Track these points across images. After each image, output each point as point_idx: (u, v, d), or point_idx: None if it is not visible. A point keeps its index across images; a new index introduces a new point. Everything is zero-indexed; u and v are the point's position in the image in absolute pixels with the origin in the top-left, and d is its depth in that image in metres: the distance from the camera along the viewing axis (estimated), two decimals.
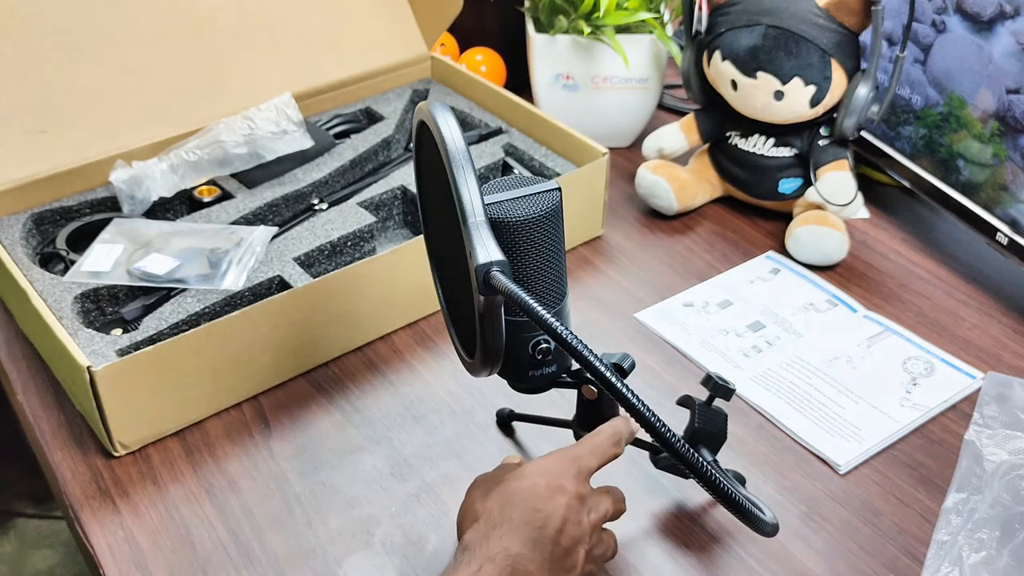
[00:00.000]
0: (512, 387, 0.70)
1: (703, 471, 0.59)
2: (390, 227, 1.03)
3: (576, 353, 0.55)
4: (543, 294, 0.64)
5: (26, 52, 0.97)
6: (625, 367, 0.71)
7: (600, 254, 1.06)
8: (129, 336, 0.84)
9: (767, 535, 0.67)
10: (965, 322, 0.97)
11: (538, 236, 0.62)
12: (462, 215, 0.58)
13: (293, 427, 0.85)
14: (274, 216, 1.01)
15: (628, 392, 0.56)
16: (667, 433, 0.57)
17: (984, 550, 0.72)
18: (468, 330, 0.64)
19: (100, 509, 0.78)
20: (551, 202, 0.63)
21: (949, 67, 0.99)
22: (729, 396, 0.73)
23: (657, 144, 1.13)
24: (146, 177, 0.98)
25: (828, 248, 1.02)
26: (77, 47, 1.00)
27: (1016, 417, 0.83)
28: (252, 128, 1.02)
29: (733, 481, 0.72)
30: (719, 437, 0.73)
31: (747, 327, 0.96)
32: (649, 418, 0.56)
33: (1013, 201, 0.95)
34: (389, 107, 1.16)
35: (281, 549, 0.74)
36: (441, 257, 0.71)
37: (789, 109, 1.03)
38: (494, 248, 0.58)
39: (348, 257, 0.97)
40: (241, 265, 0.91)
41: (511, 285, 0.56)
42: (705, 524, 0.76)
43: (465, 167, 0.59)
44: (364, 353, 0.92)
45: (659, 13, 1.16)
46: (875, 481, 0.80)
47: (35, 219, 0.97)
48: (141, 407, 0.80)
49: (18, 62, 0.97)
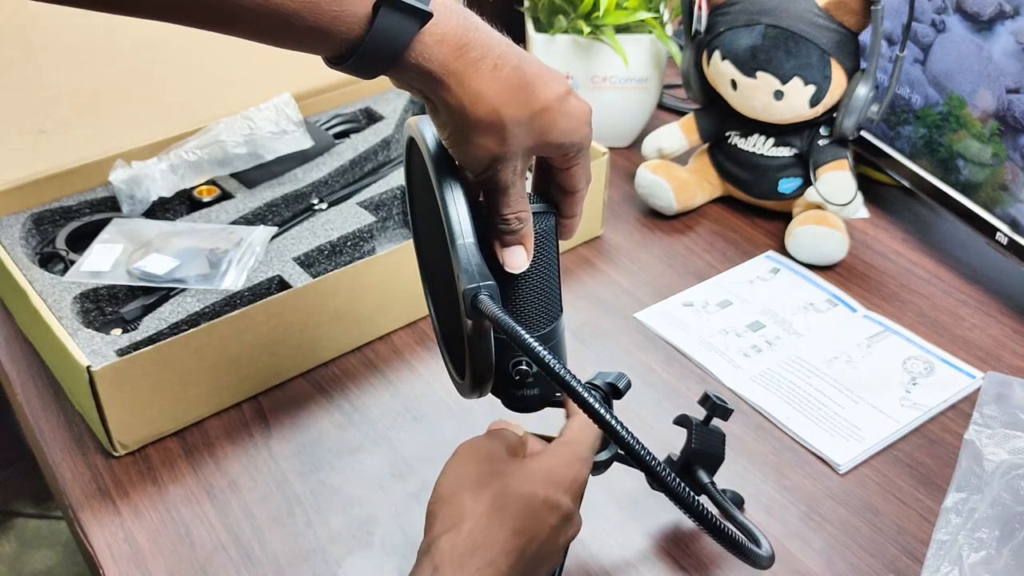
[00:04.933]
0: (506, 406, 0.67)
1: (695, 507, 0.55)
2: (390, 227, 1.03)
3: (562, 382, 0.53)
4: (533, 316, 0.62)
5: (26, 52, 0.97)
6: (620, 387, 0.68)
7: (600, 254, 1.06)
8: (129, 336, 0.84)
9: (762, 568, 0.65)
10: (965, 322, 0.97)
11: None
12: (450, 236, 0.57)
13: (293, 427, 0.85)
14: (274, 216, 1.01)
15: (617, 424, 0.53)
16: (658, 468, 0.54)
17: (984, 550, 0.72)
18: (459, 350, 0.62)
19: (100, 509, 0.78)
20: (541, 225, 0.61)
21: (949, 67, 0.99)
22: (727, 416, 0.71)
23: (657, 144, 1.13)
24: (146, 177, 0.98)
25: (828, 248, 1.02)
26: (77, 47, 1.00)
27: (1016, 417, 0.83)
28: (252, 128, 1.02)
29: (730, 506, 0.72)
30: (717, 458, 0.72)
31: (747, 327, 0.96)
32: (640, 452, 0.53)
33: (1013, 201, 0.95)
34: (389, 107, 1.16)
35: (281, 549, 0.74)
36: (432, 275, 0.70)
37: (789, 109, 1.03)
38: (483, 271, 0.56)
39: (348, 257, 0.97)
40: (241, 265, 0.91)
41: (497, 311, 0.55)
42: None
43: (453, 186, 0.57)
44: (364, 353, 0.92)
45: (659, 13, 1.16)
46: (875, 481, 0.80)
47: (35, 219, 0.97)
48: (141, 407, 0.80)
49: (18, 62, 0.97)
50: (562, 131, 0.58)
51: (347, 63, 0.54)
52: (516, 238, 0.60)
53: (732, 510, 0.71)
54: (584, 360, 0.91)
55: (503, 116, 0.55)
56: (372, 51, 0.53)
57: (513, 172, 0.58)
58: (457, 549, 0.55)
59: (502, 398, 0.66)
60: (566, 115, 0.58)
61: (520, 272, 0.60)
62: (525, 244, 0.60)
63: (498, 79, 0.55)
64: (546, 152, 0.60)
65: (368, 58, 0.53)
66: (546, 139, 0.58)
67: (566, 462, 0.61)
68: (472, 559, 0.55)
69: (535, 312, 0.62)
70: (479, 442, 0.63)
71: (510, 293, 0.61)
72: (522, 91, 0.56)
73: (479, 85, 0.55)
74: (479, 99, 0.55)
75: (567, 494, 0.60)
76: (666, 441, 0.79)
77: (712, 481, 0.72)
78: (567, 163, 0.61)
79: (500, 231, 0.60)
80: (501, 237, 0.60)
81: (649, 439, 0.55)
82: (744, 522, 0.70)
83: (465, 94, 0.55)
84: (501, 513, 0.57)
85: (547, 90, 0.57)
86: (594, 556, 0.74)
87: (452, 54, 0.54)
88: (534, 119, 0.57)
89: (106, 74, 1.02)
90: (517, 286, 0.61)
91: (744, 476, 0.80)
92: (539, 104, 0.57)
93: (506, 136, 0.56)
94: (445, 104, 0.56)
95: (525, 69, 0.57)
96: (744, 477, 0.80)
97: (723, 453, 0.72)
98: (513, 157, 0.57)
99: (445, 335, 0.69)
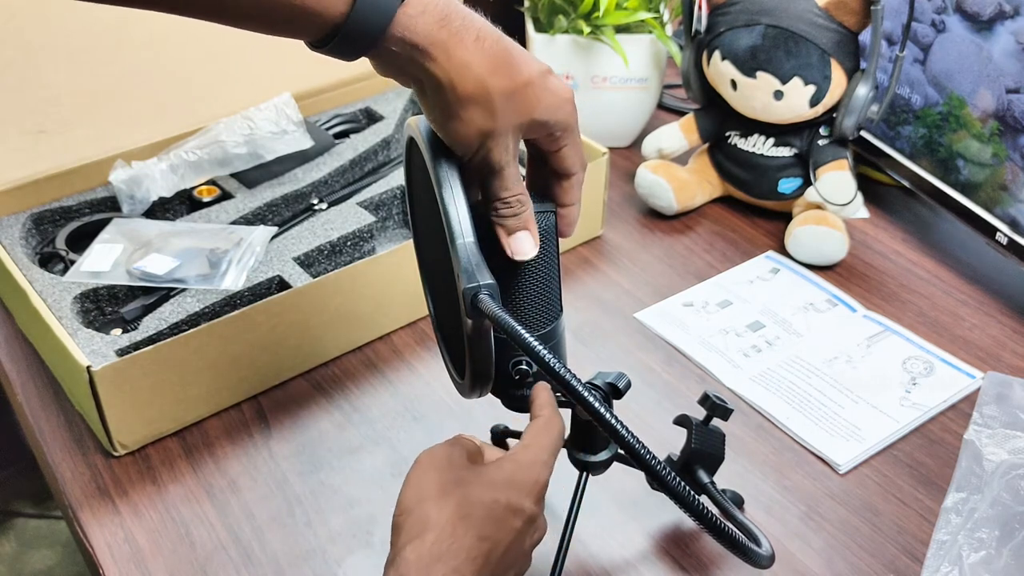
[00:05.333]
0: (505, 406, 0.67)
1: (695, 507, 0.55)
2: (390, 227, 1.03)
3: (563, 382, 0.53)
4: (533, 315, 0.62)
5: (26, 53, 0.98)
6: (620, 387, 0.68)
7: (600, 254, 1.06)
8: (129, 336, 0.84)
9: (762, 568, 0.65)
10: (965, 322, 0.97)
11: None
12: (450, 235, 0.57)
13: (293, 427, 0.85)
14: (274, 216, 1.01)
15: (617, 424, 0.53)
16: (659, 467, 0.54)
17: (984, 550, 0.72)
18: (459, 350, 0.62)
19: (100, 509, 0.78)
20: (541, 224, 0.61)
21: (949, 67, 0.99)
22: (727, 416, 0.71)
23: (657, 144, 1.13)
24: (146, 177, 0.98)
25: (828, 248, 1.02)
26: (77, 47, 1.00)
27: (1016, 417, 0.83)
28: (252, 128, 1.02)
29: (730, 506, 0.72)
30: (716, 458, 0.72)
31: (747, 327, 0.96)
32: (640, 452, 0.53)
33: (1013, 201, 0.95)
34: (389, 107, 1.16)
35: (281, 549, 0.74)
36: (432, 275, 0.70)
37: (789, 109, 1.03)
38: (483, 271, 0.56)
39: (348, 257, 0.97)
40: (241, 265, 0.91)
41: (497, 310, 0.55)
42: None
43: (453, 185, 0.57)
44: (364, 353, 0.92)
45: (659, 13, 1.16)
46: (875, 481, 0.80)
47: (35, 219, 0.97)
48: (141, 407, 0.80)
49: (18, 62, 0.97)
50: (547, 107, 0.58)
51: (332, 42, 0.54)
52: (519, 222, 0.59)
53: (732, 510, 0.71)
54: (584, 360, 0.91)
55: (490, 88, 0.55)
56: (357, 26, 0.53)
57: (505, 151, 0.58)
58: (423, 559, 0.55)
59: (502, 398, 0.66)
60: (550, 91, 0.58)
61: (529, 260, 0.60)
62: (529, 229, 0.60)
63: (482, 50, 0.55)
64: (533, 132, 0.59)
65: (353, 34, 0.53)
66: (532, 116, 0.58)
67: (527, 466, 0.60)
68: (438, 566, 0.55)
69: (535, 312, 0.62)
70: (438, 451, 0.62)
71: (510, 293, 0.61)
72: (506, 64, 0.56)
73: (464, 55, 0.55)
74: (465, 69, 0.55)
75: (529, 497, 0.59)
76: (666, 441, 0.79)
77: (712, 481, 0.72)
78: (556, 144, 0.60)
79: (502, 217, 0.59)
80: (504, 224, 0.59)
81: (649, 439, 0.55)
82: (744, 522, 0.70)
83: (451, 65, 0.55)
84: (465, 521, 0.57)
85: (529, 66, 0.57)
86: (594, 556, 0.74)
87: (436, 24, 0.54)
88: (519, 93, 0.57)
89: (106, 74, 1.02)
90: (517, 286, 0.61)
91: (744, 476, 0.80)
92: (523, 78, 0.57)
93: (494, 109, 0.56)
94: (432, 78, 0.55)
95: (506, 43, 0.57)
96: (744, 477, 0.80)
97: (723, 453, 0.72)
98: (503, 133, 0.57)
99: (445, 335, 0.69)
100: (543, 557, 0.73)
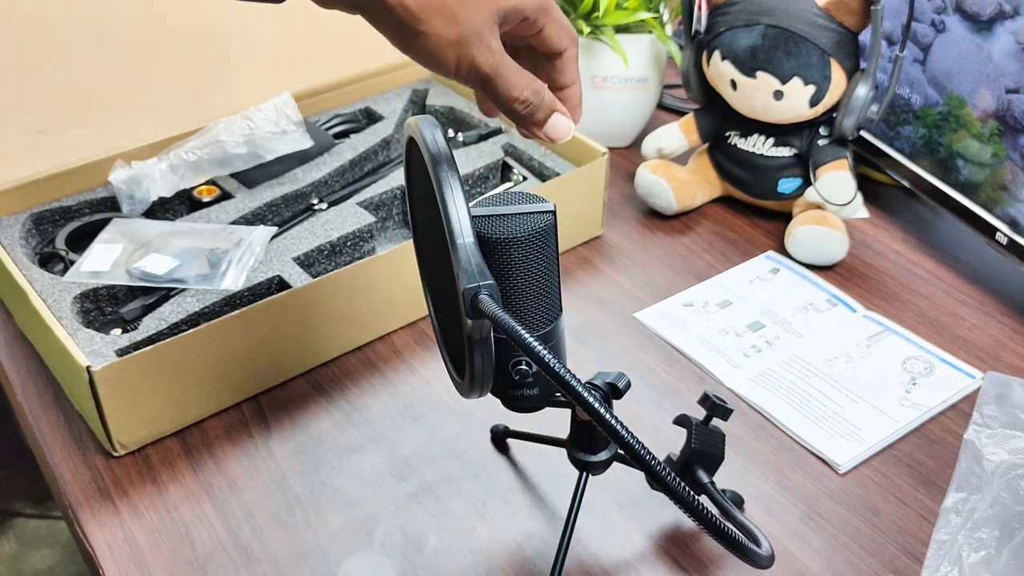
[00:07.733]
0: (505, 406, 0.67)
1: (695, 507, 0.56)
2: (390, 227, 1.03)
3: (562, 382, 0.53)
4: (532, 315, 0.62)
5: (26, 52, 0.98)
6: (620, 387, 0.68)
7: (599, 254, 1.06)
8: (128, 336, 0.84)
9: (762, 568, 0.65)
10: (965, 322, 0.97)
11: (526, 256, 0.60)
12: (449, 235, 0.57)
13: (293, 427, 0.85)
14: (273, 216, 1.01)
15: (617, 424, 0.53)
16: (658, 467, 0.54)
17: (984, 550, 0.72)
18: (459, 350, 0.62)
19: (100, 509, 0.78)
20: (542, 223, 0.61)
21: (948, 67, 0.99)
22: (727, 416, 0.71)
23: (656, 144, 1.13)
24: (146, 177, 0.98)
25: (828, 248, 1.02)
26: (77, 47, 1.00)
27: (1016, 417, 0.83)
28: (252, 128, 1.02)
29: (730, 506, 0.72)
30: (716, 457, 0.72)
31: (747, 327, 0.96)
32: (640, 452, 0.53)
33: (1013, 201, 0.95)
34: (389, 107, 1.16)
35: (281, 549, 0.74)
36: (432, 275, 0.70)
37: (788, 109, 1.03)
38: (483, 270, 0.56)
39: (348, 257, 0.97)
40: (241, 265, 0.91)
41: (497, 310, 0.54)
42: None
43: (453, 186, 0.57)
44: (364, 353, 0.92)
45: (658, 13, 1.16)
46: (875, 481, 0.80)
47: (35, 219, 0.97)
48: (140, 407, 0.80)
49: (18, 62, 0.97)
50: None
51: None
52: (543, 113, 0.57)
53: (732, 510, 0.71)
54: (584, 360, 0.91)
55: None
56: None
57: (488, 52, 0.55)
58: None
59: (502, 398, 0.66)
60: None
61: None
62: (557, 108, 0.57)
63: None
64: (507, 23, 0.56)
65: None
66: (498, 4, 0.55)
67: None
68: None
69: (535, 312, 0.62)
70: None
71: (510, 292, 0.61)
72: None
73: None
74: None
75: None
76: (666, 441, 0.79)
77: (712, 481, 0.72)
78: (535, 27, 0.57)
79: (523, 118, 0.56)
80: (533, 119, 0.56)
81: (649, 439, 0.55)
82: (744, 522, 0.70)
83: None
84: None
85: None
86: (594, 556, 0.74)
87: None
88: None
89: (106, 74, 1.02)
90: (517, 286, 0.61)
91: (744, 476, 0.80)
92: None
93: (453, 12, 0.53)
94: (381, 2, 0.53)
95: None
96: (744, 477, 0.80)
97: (723, 453, 0.72)
98: (475, 35, 0.54)
99: (445, 335, 0.69)
100: (543, 557, 0.73)
